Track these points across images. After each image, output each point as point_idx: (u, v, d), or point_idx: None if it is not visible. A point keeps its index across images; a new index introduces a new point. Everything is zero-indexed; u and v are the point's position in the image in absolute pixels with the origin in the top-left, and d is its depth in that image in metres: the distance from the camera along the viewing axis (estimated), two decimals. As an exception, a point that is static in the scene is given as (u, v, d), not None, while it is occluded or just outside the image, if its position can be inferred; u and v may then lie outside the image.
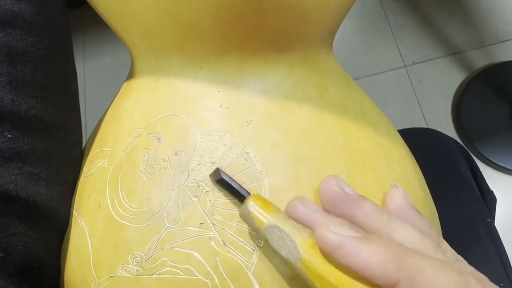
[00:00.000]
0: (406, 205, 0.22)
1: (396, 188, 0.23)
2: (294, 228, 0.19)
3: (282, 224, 0.19)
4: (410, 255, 0.18)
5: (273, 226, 0.19)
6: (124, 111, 0.27)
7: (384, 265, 0.17)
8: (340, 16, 0.27)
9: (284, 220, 0.19)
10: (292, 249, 0.18)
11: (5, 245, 0.21)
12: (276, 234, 0.19)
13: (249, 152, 0.23)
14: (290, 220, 0.20)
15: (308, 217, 0.20)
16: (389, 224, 0.20)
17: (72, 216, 0.26)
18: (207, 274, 0.21)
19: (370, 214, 0.20)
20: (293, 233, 0.19)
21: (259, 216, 0.20)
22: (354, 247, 0.18)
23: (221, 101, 0.24)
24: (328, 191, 0.21)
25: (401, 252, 0.18)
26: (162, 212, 0.22)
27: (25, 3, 0.24)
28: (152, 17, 0.23)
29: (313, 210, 0.20)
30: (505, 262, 0.45)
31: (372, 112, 0.28)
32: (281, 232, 0.19)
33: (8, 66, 0.23)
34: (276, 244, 0.19)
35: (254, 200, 0.20)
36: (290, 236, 0.19)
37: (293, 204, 0.21)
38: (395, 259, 0.17)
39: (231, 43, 0.23)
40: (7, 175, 0.22)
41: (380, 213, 0.20)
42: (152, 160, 0.24)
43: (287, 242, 0.19)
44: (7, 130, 0.22)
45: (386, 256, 0.17)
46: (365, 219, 0.20)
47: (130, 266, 0.22)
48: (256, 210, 0.20)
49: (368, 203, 0.20)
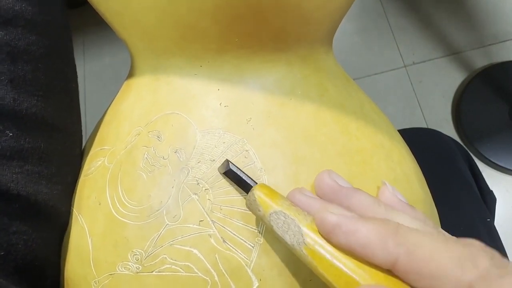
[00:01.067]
0: (396, 201, 0.22)
1: (384, 186, 0.23)
2: (299, 214, 0.19)
3: (287, 210, 0.19)
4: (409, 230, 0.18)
5: (278, 211, 0.19)
6: (124, 110, 0.27)
7: (383, 241, 0.17)
8: (339, 15, 0.27)
9: (289, 206, 0.20)
10: (296, 234, 0.19)
11: (6, 244, 0.21)
12: (281, 219, 0.19)
13: (249, 150, 0.23)
14: (295, 207, 0.20)
15: (307, 204, 0.20)
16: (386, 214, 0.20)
17: (72, 215, 0.26)
18: (207, 271, 0.21)
19: (366, 204, 0.20)
20: (298, 219, 0.19)
21: (266, 201, 0.20)
22: (353, 225, 0.18)
23: (221, 99, 0.24)
24: (322, 185, 0.21)
25: (400, 228, 0.18)
26: (162, 209, 0.22)
27: (26, 2, 0.24)
28: (151, 17, 0.23)
29: (312, 198, 0.21)
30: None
31: (372, 112, 0.28)
32: (286, 217, 0.19)
33: (9, 65, 0.23)
34: (281, 230, 0.19)
35: (260, 188, 0.21)
36: (295, 221, 0.19)
37: (292, 193, 0.21)
38: (394, 234, 0.17)
39: (231, 42, 0.24)
40: (8, 173, 0.22)
41: (377, 203, 0.20)
42: (152, 158, 0.24)
43: (292, 227, 0.19)
44: (8, 128, 0.23)
45: (385, 232, 0.17)
46: (360, 209, 0.20)
47: (130, 263, 0.22)
48: (262, 197, 0.20)
49: (363, 194, 0.21)
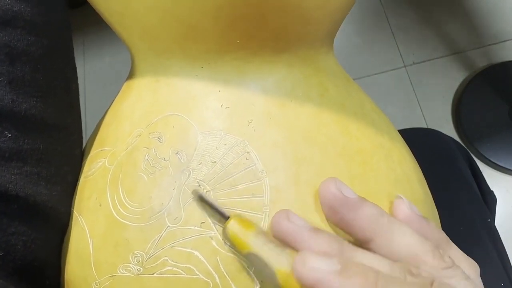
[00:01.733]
0: (414, 217, 0.22)
1: (400, 200, 0.22)
2: (273, 255, 0.19)
3: (260, 251, 0.19)
4: (390, 283, 0.18)
5: (251, 253, 0.19)
6: (124, 111, 0.27)
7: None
8: (341, 16, 0.27)
9: (262, 246, 0.19)
10: (272, 276, 0.19)
11: (5, 245, 0.21)
12: (256, 261, 0.19)
13: (250, 151, 0.23)
14: (269, 245, 0.19)
15: (293, 234, 0.20)
16: (389, 227, 0.20)
17: (73, 216, 0.26)
18: (208, 273, 0.21)
19: (370, 217, 0.20)
20: (270, 262, 0.19)
21: (240, 240, 0.20)
22: (331, 284, 0.18)
23: (222, 101, 0.24)
24: (328, 195, 0.21)
25: (379, 285, 0.18)
26: (163, 211, 0.22)
27: (25, 3, 0.24)
28: (152, 17, 0.23)
29: (298, 226, 0.20)
30: (506, 262, 0.45)
31: (372, 112, 0.28)
32: (259, 259, 0.19)
33: (8, 66, 0.23)
34: (258, 269, 0.19)
35: (235, 222, 0.20)
36: (267, 265, 0.19)
37: (278, 219, 0.20)
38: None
39: (232, 43, 0.23)
40: (7, 174, 0.22)
41: (380, 215, 0.20)
42: (153, 160, 0.24)
43: (266, 271, 0.19)
44: (7, 129, 0.22)
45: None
46: (364, 222, 0.20)
47: (131, 265, 0.22)
48: (236, 235, 0.20)
49: (368, 206, 0.20)
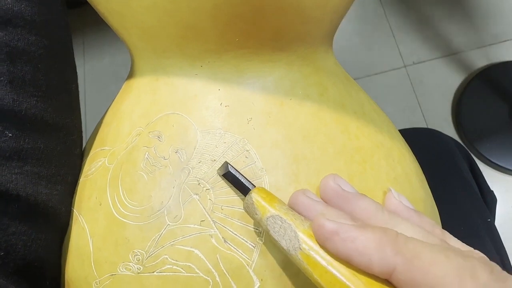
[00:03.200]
0: (402, 207, 0.22)
1: (390, 193, 0.23)
2: (296, 219, 0.19)
3: (284, 215, 0.19)
4: (409, 239, 0.17)
5: (275, 216, 0.19)
6: (124, 110, 0.27)
7: (381, 250, 0.17)
8: (339, 15, 0.27)
9: (286, 211, 0.20)
10: (292, 239, 0.19)
11: (5, 244, 0.21)
12: (277, 224, 0.19)
13: (250, 149, 0.23)
14: (292, 212, 0.20)
15: (309, 206, 0.20)
16: (389, 221, 0.20)
17: (73, 215, 0.26)
18: (208, 272, 0.21)
19: (369, 210, 0.20)
20: (295, 223, 0.19)
21: (264, 204, 0.20)
22: (351, 233, 0.17)
23: (221, 99, 0.24)
24: (327, 189, 0.21)
25: (400, 237, 0.17)
26: (163, 210, 0.22)
27: (25, 2, 0.24)
28: (151, 17, 0.23)
29: (314, 200, 0.20)
30: (506, 262, 0.45)
31: (372, 111, 0.28)
32: (282, 222, 0.19)
33: (8, 65, 0.23)
34: (277, 235, 0.19)
35: (258, 191, 0.21)
36: (291, 226, 0.19)
37: (295, 194, 0.21)
38: (393, 243, 0.17)
39: (231, 42, 0.24)
40: (8, 174, 0.22)
41: (380, 210, 0.20)
42: (153, 159, 0.24)
43: (288, 232, 0.19)
44: (7, 129, 0.23)
45: (383, 240, 0.17)
46: (363, 216, 0.20)
47: (131, 264, 0.22)
48: (259, 201, 0.20)
49: (367, 200, 0.20)
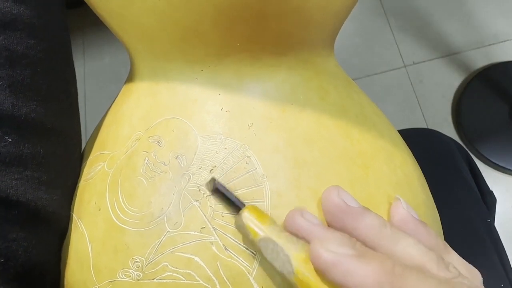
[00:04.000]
0: (410, 218, 0.21)
1: (398, 202, 0.22)
2: (288, 242, 0.19)
3: (276, 237, 0.19)
4: (407, 274, 0.17)
5: (266, 239, 0.19)
6: (123, 114, 0.27)
7: (379, 285, 0.17)
8: (342, 18, 0.26)
9: (278, 233, 0.19)
10: (285, 263, 0.18)
11: (6, 251, 0.21)
12: (269, 247, 0.19)
13: (250, 155, 0.23)
14: (284, 233, 0.19)
15: (306, 230, 0.20)
16: (392, 238, 0.19)
17: (72, 220, 0.26)
18: (208, 279, 0.21)
19: (372, 227, 0.20)
20: (287, 247, 0.19)
21: (254, 228, 0.19)
22: (349, 266, 0.17)
23: (222, 104, 0.24)
24: (330, 203, 0.21)
25: (397, 271, 0.17)
26: (163, 216, 0.22)
27: (24, 5, 0.24)
28: (151, 20, 0.23)
29: (312, 223, 0.20)
30: (506, 263, 0.45)
31: (373, 115, 0.28)
32: (274, 245, 0.19)
33: (8, 69, 0.23)
34: (270, 257, 0.19)
35: (249, 211, 0.20)
36: (284, 250, 0.18)
37: (292, 215, 0.20)
38: (391, 278, 0.17)
39: (231, 46, 0.23)
40: (8, 180, 0.22)
41: (383, 226, 0.20)
42: (153, 164, 0.24)
43: (281, 256, 0.19)
44: (7, 134, 0.22)
45: (381, 276, 0.17)
46: (366, 232, 0.20)
47: (131, 270, 0.22)
48: (251, 222, 0.20)
49: (370, 216, 0.20)
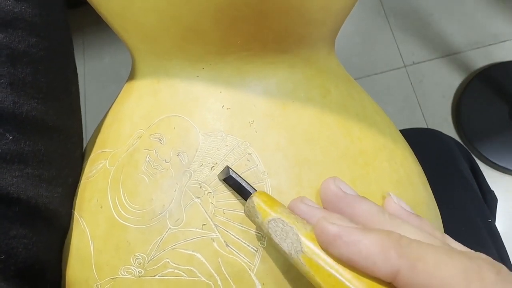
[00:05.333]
0: (402, 211, 0.21)
1: (389, 197, 0.22)
2: (298, 222, 0.19)
3: (286, 218, 0.19)
4: (414, 243, 0.17)
5: (276, 219, 0.19)
6: (125, 112, 0.27)
7: (385, 253, 0.16)
8: (342, 16, 0.26)
9: (288, 214, 0.20)
10: (294, 242, 0.19)
11: (6, 248, 0.21)
12: (279, 227, 0.19)
13: (251, 153, 0.23)
14: (294, 215, 0.20)
15: (309, 213, 0.20)
16: (391, 223, 0.19)
17: (74, 218, 0.26)
18: (210, 276, 0.21)
19: (369, 212, 0.20)
20: (297, 226, 0.19)
21: (265, 208, 0.20)
22: (354, 236, 0.17)
23: (223, 102, 0.24)
24: (327, 191, 0.21)
25: (403, 239, 0.17)
26: (164, 213, 0.22)
27: (26, 3, 0.24)
28: (152, 18, 0.23)
29: (313, 207, 0.20)
30: (506, 263, 0.45)
31: (374, 113, 0.28)
32: (284, 225, 0.19)
33: (9, 67, 0.23)
34: (279, 238, 0.19)
35: (259, 195, 0.21)
36: (293, 229, 0.19)
37: (294, 202, 0.21)
38: (397, 245, 0.17)
39: (232, 44, 0.23)
40: (8, 177, 0.22)
41: (381, 212, 0.20)
42: (154, 161, 0.24)
43: (290, 235, 0.19)
44: (8, 131, 0.22)
45: (387, 243, 0.17)
46: (364, 218, 0.20)
47: (132, 267, 0.22)
48: (261, 204, 0.20)
49: (368, 202, 0.20)
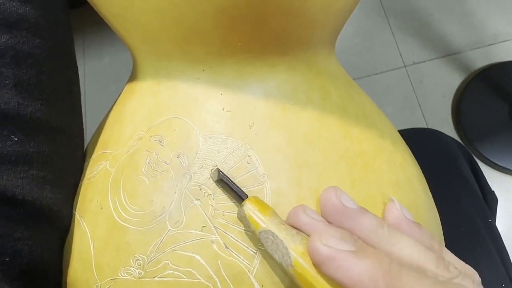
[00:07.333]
0: (403, 219, 0.22)
1: (392, 203, 0.22)
2: (288, 235, 0.19)
3: (276, 230, 0.19)
4: (403, 273, 0.17)
5: (267, 231, 0.19)
6: (126, 113, 0.27)
7: (374, 282, 0.17)
8: (343, 19, 0.27)
9: (279, 225, 0.20)
10: (284, 255, 0.19)
11: (11, 250, 0.21)
12: (270, 239, 0.19)
13: (251, 155, 0.23)
14: (285, 225, 0.20)
15: (309, 225, 0.20)
16: (389, 238, 0.20)
17: (74, 219, 0.26)
18: (209, 277, 0.21)
19: (369, 228, 0.20)
20: (286, 240, 0.19)
21: (256, 219, 0.20)
22: (346, 261, 0.17)
23: (223, 104, 0.24)
24: (328, 204, 0.21)
25: (394, 269, 0.17)
26: (164, 215, 0.22)
27: (30, 5, 0.24)
28: (152, 20, 0.23)
29: (314, 219, 0.20)
30: (507, 263, 0.45)
31: (374, 115, 0.28)
32: (274, 237, 0.19)
33: (14, 69, 0.23)
34: (270, 249, 0.19)
35: (251, 202, 0.20)
36: (283, 243, 0.19)
37: (295, 212, 0.21)
38: (387, 276, 0.17)
39: (233, 46, 0.23)
40: (13, 179, 0.22)
41: (380, 226, 0.20)
42: (154, 163, 0.24)
43: (280, 248, 0.19)
44: (13, 133, 0.22)
45: (377, 273, 0.17)
46: (364, 233, 0.20)
47: (132, 268, 0.22)
48: (252, 213, 0.20)
49: (367, 216, 0.20)
